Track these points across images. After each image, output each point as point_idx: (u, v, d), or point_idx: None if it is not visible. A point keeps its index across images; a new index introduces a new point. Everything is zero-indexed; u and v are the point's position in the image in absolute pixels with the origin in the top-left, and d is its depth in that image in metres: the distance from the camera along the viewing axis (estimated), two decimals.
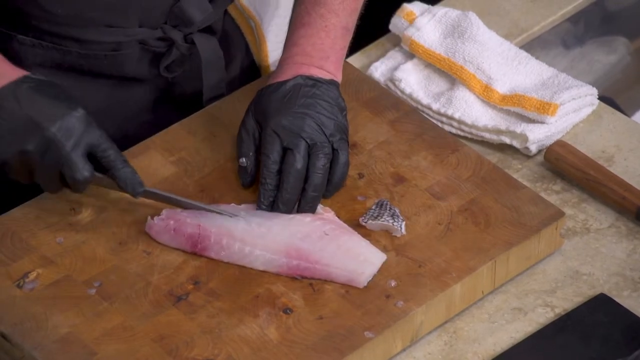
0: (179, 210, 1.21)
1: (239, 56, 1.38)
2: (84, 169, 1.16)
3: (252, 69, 1.41)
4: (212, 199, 1.25)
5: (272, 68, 1.41)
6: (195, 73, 1.32)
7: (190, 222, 1.19)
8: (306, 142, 1.21)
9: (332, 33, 1.25)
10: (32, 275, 1.19)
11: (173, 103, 1.34)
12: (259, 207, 1.21)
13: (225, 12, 1.36)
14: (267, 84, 1.25)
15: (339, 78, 1.27)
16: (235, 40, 1.38)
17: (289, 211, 1.20)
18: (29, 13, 1.23)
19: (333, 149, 1.23)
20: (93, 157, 1.18)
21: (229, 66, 1.36)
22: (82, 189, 1.19)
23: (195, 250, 1.19)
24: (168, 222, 1.19)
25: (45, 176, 1.17)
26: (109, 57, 1.27)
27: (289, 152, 1.21)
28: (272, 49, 1.40)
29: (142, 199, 1.23)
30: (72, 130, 1.15)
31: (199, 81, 1.33)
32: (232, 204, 1.23)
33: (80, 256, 1.20)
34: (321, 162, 1.21)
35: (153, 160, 1.28)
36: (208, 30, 1.32)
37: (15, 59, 1.23)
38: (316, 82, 1.24)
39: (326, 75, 1.25)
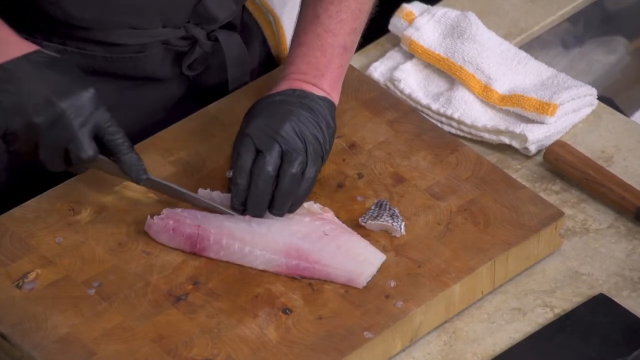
0: (179, 210, 1.21)
1: (257, 49, 1.39)
2: (89, 148, 1.15)
3: (269, 62, 1.41)
4: (212, 199, 1.25)
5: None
6: (216, 70, 1.33)
7: (189, 222, 1.19)
8: (280, 146, 1.19)
9: (328, 52, 1.25)
10: (32, 276, 1.19)
11: (195, 101, 1.34)
12: (231, 208, 1.20)
13: (243, 6, 1.36)
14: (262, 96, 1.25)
15: (334, 98, 1.26)
16: (253, 34, 1.39)
17: (259, 214, 1.19)
18: (53, 18, 1.23)
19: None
20: (99, 141, 1.17)
21: (249, 58, 1.36)
22: (84, 169, 1.18)
23: (194, 251, 1.19)
24: (167, 222, 1.19)
25: (50, 152, 1.16)
26: (133, 59, 1.27)
27: (260, 154, 1.19)
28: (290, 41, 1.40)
29: (141, 196, 1.23)
30: (82, 108, 1.15)
31: (221, 77, 1.33)
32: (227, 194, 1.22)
33: (80, 256, 1.20)
34: (292, 169, 1.19)
35: (152, 161, 1.27)
36: (229, 26, 1.32)
37: None
38: (307, 95, 1.23)
39: (319, 92, 1.24)
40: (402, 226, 1.22)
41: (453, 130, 1.37)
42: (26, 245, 1.21)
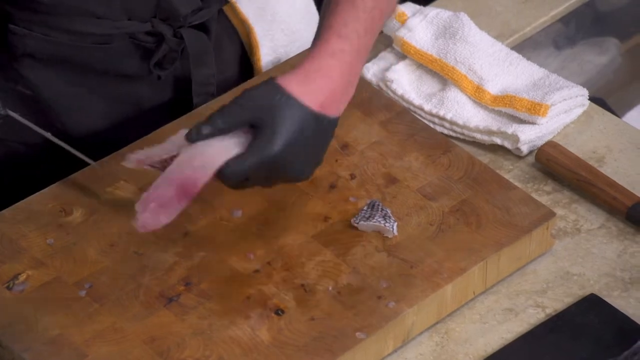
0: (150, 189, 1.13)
1: (234, 55, 1.38)
2: None
3: (248, 69, 1.41)
4: (204, 200, 1.25)
5: (264, 70, 1.41)
6: (186, 71, 1.32)
7: (165, 183, 1.11)
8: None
9: (362, 54, 1.17)
10: (22, 277, 1.18)
11: (164, 102, 1.33)
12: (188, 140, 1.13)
13: (222, 12, 1.35)
14: (292, 94, 1.14)
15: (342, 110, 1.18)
16: (231, 40, 1.38)
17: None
18: (17, 0, 1.23)
19: None
20: None
21: (224, 65, 1.36)
22: None
23: (194, 194, 1.11)
24: (149, 205, 1.11)
25: None
26: (100, 49, 1.27)
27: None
28: (265, 52, 1.40)
29: (133, 197, 1.22)
30: None
31: (190, 80, 1.32)
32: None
33: (71, 258, 1.20)
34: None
35: None
36: (200, 27, 1.31)
37: (9, 49, 1.23)
38: (324, 124, 1.15)
39: (338, 112, 1.17)
40: (395, 227, 1.22)
41: (445, 131, 1.37)
42: (17, 247, 1.21)
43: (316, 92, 1.14)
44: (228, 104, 1.14)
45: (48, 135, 1.21)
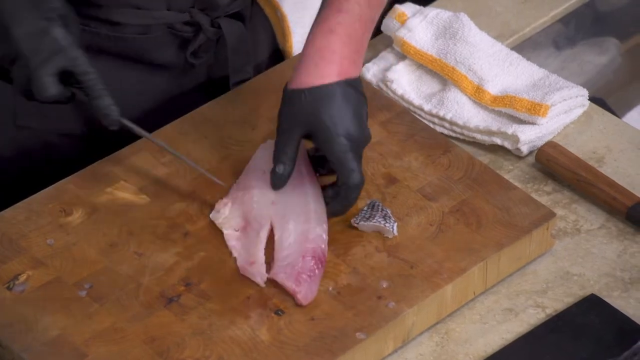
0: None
1: (266, 43, 1.39)
2: (48, 87, 1.13)
3: (278, 55, 1.41)
4: (204, 200, 1.25)
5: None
6: (221, 60, 1.33)
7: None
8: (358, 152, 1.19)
9: (367, 25, 1.20)
10: (23, 277, 1.18)
11: (199, 91, 1.34)
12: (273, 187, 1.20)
13: (254, 1, 1.36)
14: (309, 86, 1.18)
15: (360, 71, 1.22)
16: (263, 29, 1.39)
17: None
18: None
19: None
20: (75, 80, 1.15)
21: (256, 52, 1.37)
22: (65, 102, 1.16)
23: (325, 259, 1.18)
24: (303, 281, 1.16)
25: (18, 83, 1.15)
26: (137, 40, 1.27)
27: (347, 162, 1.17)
28: (297, 40, 1.41)
29: (133, 197, 1.22)
30: (41, 48, 1.12)
31: (225, 68, 1.33)
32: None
33: (71, 258, 1.20)
34: (353, 198, 1.20)
35: (145, 162, 1.27)
36: (236, 16, 1.32)
37: None
38: (352, 89, 1.19)
39: (356, 74, 1.20)
40: (395, 227, 1.22)
41: (445, 131, 1.37)
42: (17, 247, 1.21)
43: (327, 69, 1.17)
44: (278, 138, 1.19)
45: (163, 144, 1.21)
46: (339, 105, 1.17)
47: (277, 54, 1.42)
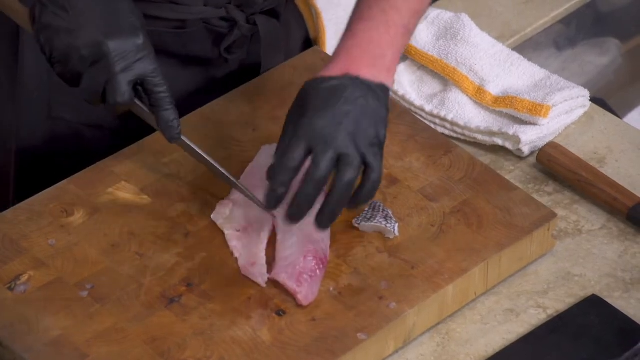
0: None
1: (298, 39, 1.39)
2: (124, 93, 1.14)
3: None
4: (204, 200, 1.25)
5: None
6: (254, 56, 1.33)
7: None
8: (334, 151, 1.13)
9: (392, 30, 1.18)
10: (24, 278, 1.18)
11: (232, 86, 1.34)
12: (264, 207, 1.16)
13: None
14: (314, 77, 1.18)
15: (390, 82, 1.18)
16: (297, 26, 1.39)
17: (296, 220, 1.14)
18: None
19: (365, 163, 1.14)
20: (144, 90, 1.16)
21: (289, 48, 1.37)
22: (120, 111, 1.17)
23: (327, 261, 1.18)
24: (304, 280, 1.15)
25: (88, 86, 1.15)
26: (174, 35, 1.28)
27: (313, 157, 1.12)
28: (330, 37, 1.41)
29: (135, 198, 1.22)
30: (128, 53, 1.14)
31: (258, 65, 1.33)
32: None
33: (72, 258, 1.20)
34: (347, 176, 1.13)
35: (146, 162, 1.27)
36: (271, 12, 1.32)
37: None
38: (363, 85, 1.16)
39: (376, 78, 1.17)
40: (396, 228, 1.22)
41: (446, 132, 1.37)
42: (18, 247, 1.21)
43: (335, 67, 1.16)
44: (283, 145, 1.15)
45: (210, 160, 1.21)
46: (336, 97, 1.14)
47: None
